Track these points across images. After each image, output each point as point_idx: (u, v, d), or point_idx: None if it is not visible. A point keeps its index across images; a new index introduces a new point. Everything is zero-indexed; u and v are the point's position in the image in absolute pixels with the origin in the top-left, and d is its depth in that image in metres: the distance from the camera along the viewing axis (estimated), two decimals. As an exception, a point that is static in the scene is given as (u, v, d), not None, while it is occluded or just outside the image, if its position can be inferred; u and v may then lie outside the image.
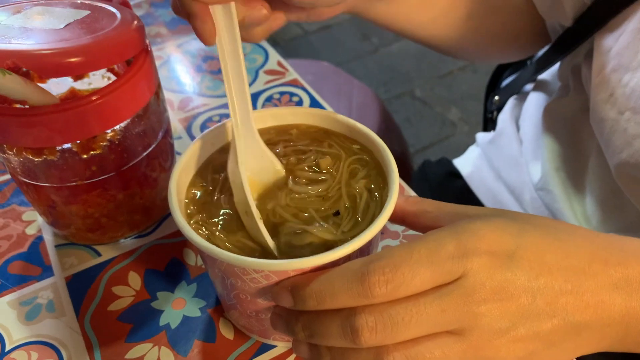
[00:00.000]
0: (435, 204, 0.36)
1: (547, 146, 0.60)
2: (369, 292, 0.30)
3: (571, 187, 0.58)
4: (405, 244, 0.31)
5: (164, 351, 0.41)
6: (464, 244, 0.30)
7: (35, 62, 0.37)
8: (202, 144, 0.41)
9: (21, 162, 0.41)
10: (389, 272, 0.29)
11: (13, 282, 0.46)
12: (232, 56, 0.37)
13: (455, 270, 0.30)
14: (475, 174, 0.73)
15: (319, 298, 0.31)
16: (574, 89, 0.59)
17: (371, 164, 0.40)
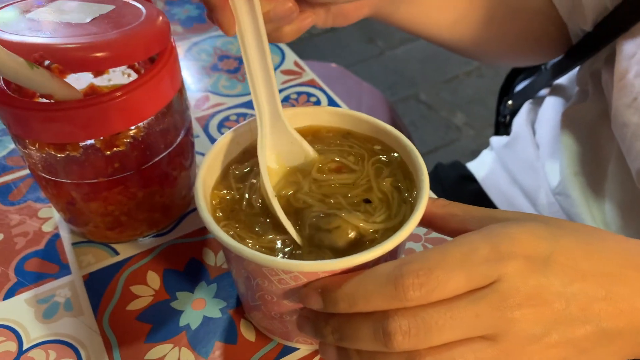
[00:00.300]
0: (463, 207, 0.35)
1: (565, 151, 0.59)
2: (402, 295, 0.29)
3: (590, 192, 0.58)
4: (438, 247, 0.31)
5: (184, 352, 0.40)
6: (499, 248, 0.30)
7: (62, 55, 0.36)
8: (228, 143, 0.40)
9: (43, 157, 0.40)
10: (423, 275, 0.29)
11: (30, 280, 0.45)
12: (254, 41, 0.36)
13: (490, 275, 0.30)
14: (489, 178, 0.73)
15: (351, 301, 0.31)
16: (594, 93, 0.58)
17: (395, 164, 0.40)
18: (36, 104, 0.37)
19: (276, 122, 0.39)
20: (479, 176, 0.74)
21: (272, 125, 0.39)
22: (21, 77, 0.34)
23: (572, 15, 0.56)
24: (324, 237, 0.35)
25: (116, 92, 0.38)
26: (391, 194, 0.38)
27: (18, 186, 0.53)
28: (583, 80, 0.60)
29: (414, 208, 0.36)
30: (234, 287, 0.44)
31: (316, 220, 0.35)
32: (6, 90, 0.39)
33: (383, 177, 0.39)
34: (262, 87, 0.38)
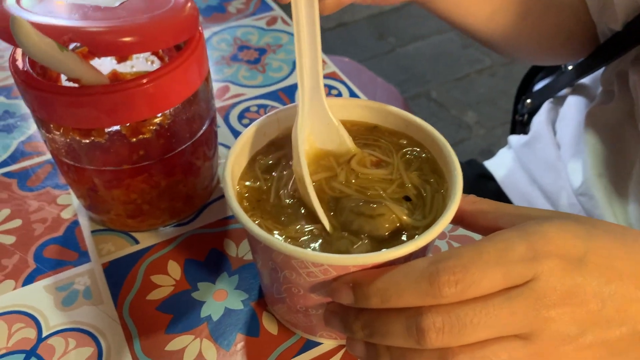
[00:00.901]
0: (494, 204, 0.35)
1: (589, 152, 0.59)
2: (437, 292, 0.28)
3: (614, 194, 0.57)
4: (474, 244, 0.30)
5: (205, 344, 0.40)
6: (535, 246, 0.29)
7: (91, 39, 0.35)
8: (255, 133, 0.40)
9: (67, 142, 0.40)
10: (459, 272, 0.28)
11: (49, 267, 0.45)
12: (307, 14, 0.36)
13: (526, 273, 0.29)
14: (508, 177, 0.72)
15: (383, 296, 0.30)
16: (619, 94, 0.57)
17: (423, 158, 0.39)
18: (63, 87, 0.37)
19: (315, 97, 0.38)
20: (498, 175, 0.73)
21: (311, 100, 0.38)
22: (51, 59, 0.33)
23: (603, 14, 0.55)
24: (365, 223, 0.34)
25: (144, 78, 0.37)
26: (423, 189, 0.37)
27: (36, 172, 0.52)
28: (608, 80, 0.60)
29: (446, 204, 0.35)
30: (256, 279, 0.44)
31: (360, 206, 0.35)
32: (32, 73, 0.38)
33: (412, 170, 0.38)
34: (308, 58, 0.37)
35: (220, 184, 0.51)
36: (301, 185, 0.36)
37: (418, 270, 0.29)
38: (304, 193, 0.36)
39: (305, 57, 0.37)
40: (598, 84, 0.64)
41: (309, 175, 0.36)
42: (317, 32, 0.36)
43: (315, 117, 0.39)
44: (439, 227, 0.33)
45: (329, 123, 0.39)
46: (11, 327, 0.41)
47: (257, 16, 0.71)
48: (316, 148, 0.39)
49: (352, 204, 0.35)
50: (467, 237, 0.46)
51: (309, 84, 0.38)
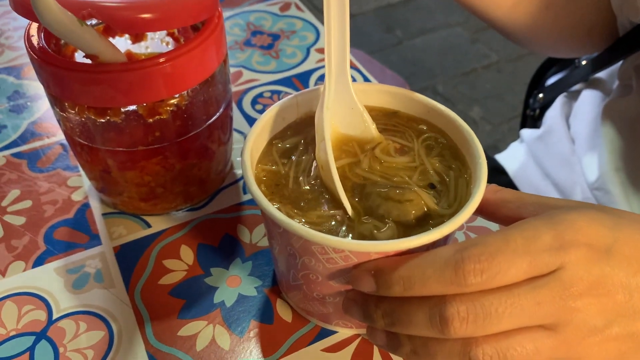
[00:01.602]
0: (516, 194, 0.34)
1: (606, 146, 0.58)
2: (462, 280, 0.28)
3: (631, 188, 0.56)
4: (499, 231, 0.29)
5: (218, 330, 0.39)
6: (562, 235, 0.29)
7: (110, 14, 0.34)
8: (274, 117, 0.39)
9: (81, 122, 0.39)
10: (484, 260, 0.28)
11: (59, 249, 0.44)
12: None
13: (553, 262, 0.28)
14: (520, 171, 0.71)
15: (406, 284, 0.29)
16: (638, 88, 0.57)
17: (444, 144, 0.39)
18: (79, 64, 0.36)
19: (341, 81, 0.37)
20: (510, 169, 0.72)
21: (337, 83, 0.37)
22: (70, 33, 0.32)
23: (623, 6, 0.54)
24: (393, 208, 0.34)
25: (162, 57, 0.37)
26: (446, 175, 0.36)
27: (47, 153, 0.51)
28: (626, 74, 0.59)
29: (470, 191, 0.35)
30: (270, 266, 0.43)
31: (388, 190, 0.34)
32: (47, 48, 0.37)
33: (432, 157, 0.38)
34: (336, 40, 0.36)
35: (233, 169, 0.50)
36: (325, 170, 0.35)
37: (443, 258, 0.29)
38: (326, 178, 0.35)
39: (335, 39, 0.36)
40: (614, 78, 0.63)
41: (333, 160, 0.35)
42: (346, 13, 0.35)
43: (340, 101, 0.38)
44: (464, 214, 0.32)
45: (353, 108, 0.38)
46: (21, 309, 0.40)
47: (271, 1, 0.70)
48: (339, 133, 0.39)
49: (380, 189, 0.35)
50: (485, 228, 0.46)
51: (336, 67, 0.37)
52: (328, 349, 0.38)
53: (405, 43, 2.03)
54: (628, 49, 0.57)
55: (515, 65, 1.94)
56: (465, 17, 2.12)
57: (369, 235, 0.33)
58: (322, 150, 0.36)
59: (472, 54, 1.99)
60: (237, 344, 0.38)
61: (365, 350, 0.38)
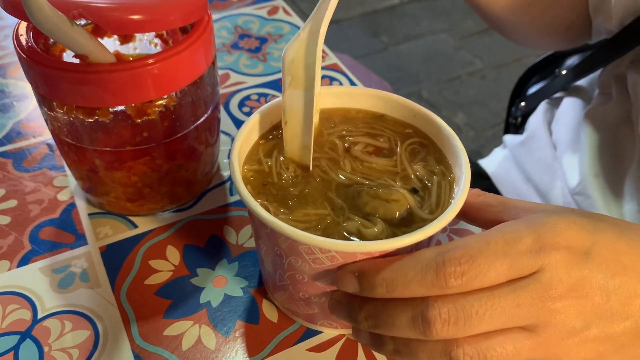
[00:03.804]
0: (499, 199, 0.35)
1: (586, 152, 0.59)
2: (443, 282, 0.29)
3: (610, 194, 0.57)
4: (480, 234, 0.30)
5: (204, 330, 0.39)
6: (542, 237, 0.29)
7: (101, 15, 0.35)
8: (261, 118, 0.39)
9: (69, 121, 0.39)
10: (465, 262, 0.28)
11: (45, 248, 0.44)
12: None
13: (533, 265, 0.29)
14: (502, 176, 0.72)
15: (389, 286, 0.30)
16: (618, 96, 0.58)
17: (429, 148, 0.39)
18: (68, 64, 0.36)
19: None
20: (492, 174, 0.73)
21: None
22: (61, 33, 0.32)
23: (598, 11, 0.56)
24: (380, 206, 0.34)
25: (151, 58, 0.37)
26: (429, 181, 0.37)
27: (32, 153, 0.51)
28: (606, 83, 0.60)
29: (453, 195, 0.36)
30: (255, 267, 0.43)
31: (377, 189, 0.35)
32: (36, 48, 0.38)
33: (416, 162, 0.38)
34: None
35: (220, 171, 0.51)
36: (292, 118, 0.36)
37: (424, 260, 0.29)
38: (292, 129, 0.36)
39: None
40: (594, 87, 0.65)
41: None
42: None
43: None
44: (447, 216, 0.33)
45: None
46: (5, 308, 0.40)
47: (258, 5, 0.71)
48: None
49: (368, 188, 0.35)
50: (468, 230, 0.46)
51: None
52: (313, 349, 0.39)
53: (390, 49, 2.04)
54: (606, 58, 0.58)
55: (499, 73, 1.96)
56: (450, 25, 2.15)
57: (355, 231, 0.33)
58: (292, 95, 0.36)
59: (456, 60, 2.01)
60: (223, 343, 0.39)
61: (350, 350, 0.39)
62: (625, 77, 0.57)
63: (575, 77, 0.66)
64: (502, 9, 0.60)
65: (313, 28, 0.35)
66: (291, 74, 0.36)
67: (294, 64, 0.36)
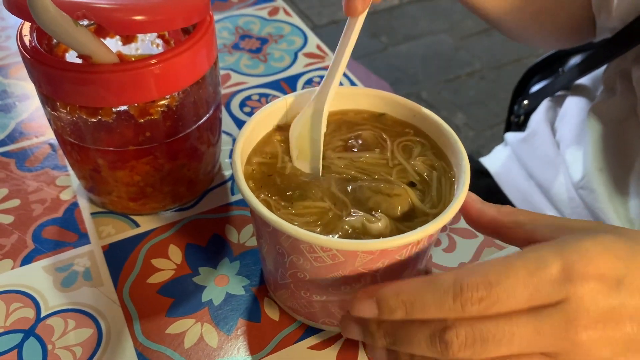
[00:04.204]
0: (531, 216, 0.33)
1: (590, 146, 0.60)
2: (460, 308, 0.28)
3: (615, 188, 0.58)
4: (502, 259, 0.29)
5: (207, 328, 0.40)
6: (570, 266, 0.28)
7: (104, 16, 0.35)
8: (264, 118, 0.40)
9: (72, 121, 0.39)
10: (483, 289, 0.28)
11: (48, 247, 0.44)
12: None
13: (557, 294, 0.28)
14: (504, 173, 0.73)
15: (408, 309, 0.29)
16: (622, 91, 0.59)
17: (427, 145, 0.40)
18: (72, 64, 0.36)
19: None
20: (494, 171, 0.73)
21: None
22: (65, 34, 0.33)
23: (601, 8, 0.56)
24: (382, 201, 0.35)
25: (154, 58, 0.37)
26: (428, 176, 0.37)
27: (35, 153, 0.52)
28: (610, 78, 0.61)
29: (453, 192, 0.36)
30: (257, 265, 0.44)
31: (378, 184, 0.36)
32: (39, 48, 0.38)
33: (414, 157, 0.39)
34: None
35: (222, 170, 0.51)
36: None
37: (443, 284, 0.29)
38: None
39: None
40: (598, 84, 0.65)
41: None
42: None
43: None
44: (447, 215, 0.33)
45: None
46: (9, 307, 0.40)
47: (259, 6, 0.71)
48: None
49: (370, 183, 0.36)
50: (467, 230, 0.47)
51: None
52: (314, 347, 0.39)
53: (390, 49, 2.05)
54: (610, 55, 0.59)
55: (498, 73, 1.97)
56: (450, 25, 2.15)
57: (359, 226, 0.34)
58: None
59: (455, 61, 2.02)
60: (225, 341, 0.39)
61: (351, 348, 0.39)
62: (629, 73, 0.57)
63: (578, 74, 0.66)
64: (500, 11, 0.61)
65: (317, 107, 0.38)
66: (298, 147, 0.39)
67: (300, 139, 0.39)
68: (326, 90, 0.38)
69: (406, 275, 0.36)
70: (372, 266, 0.33)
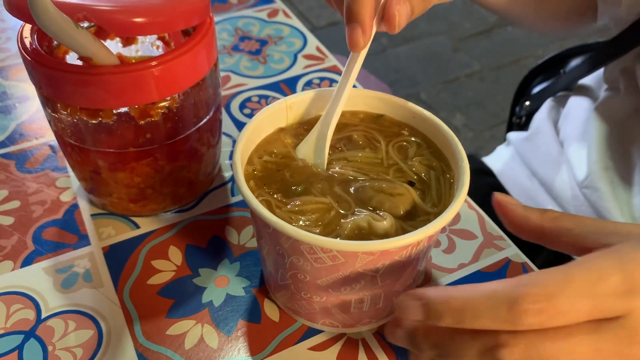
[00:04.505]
0: (576, 220, 0.32)
1: (594, 145, 0.60)
2: (517, 320, 0.26)
3: (619, 187, 0.58)
4: (560, 269, 0.27)
5: (207, 329, 0.40)
6: (631, 277, 0.27)
7: (105, 18, 0.35)
8: (264, 120, 0.40)
9: (73, 123, 0.40)
10: (543, 300, 0.26)
11: (48, 249, 0.44)
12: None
13: (618, 308, 0.27)
14: (507, 171, 0.73)
15: (458, 317, 0.28)
16: (626, 90, 0.59)
17: (423, 145, 0.40)
18: (73, 66, 0.37)
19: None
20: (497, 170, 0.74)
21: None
22: (66, 35, 0.33)
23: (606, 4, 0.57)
24: (385, 200, 0.35)
25: (154, 60, 0.37)
26: (426, 175, 0.38)
27: (35, 154, 0.52)
28: (613, 78, 0.61)
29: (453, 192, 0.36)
30: (257, 266, 0.44)
31: (380, 183, 0.36)
32: (40, 50, 0.38)
33: (410, 157, 0.39)
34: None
35: (222, 172, 0.51)
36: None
37: (498, 293, 0.27)
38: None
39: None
40: (601, 83, 0.65)
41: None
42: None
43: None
44: (447, 215, 0.33)
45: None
46: (9, 308, 0.40)
47: (258, 8, 0.71)
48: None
49: (372, 182, 0.36)
50: (467, 231, 0.47)
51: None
52: (314, 348, 0.39)
53: (389, 51, 2.05)
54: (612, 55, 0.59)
55: (497, 74, 1.97)
56: (448, 27, 2.15)
57: (365, 226, 0.34)
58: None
59: (454, 62, 2.02)
60: (225, 342, 0.39)
61: (351, 349, 0.39)
62: (632, 71, 0.57)
63: (580, 75, 0.66)
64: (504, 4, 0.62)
65: (321, 133, 0.39)
66: None
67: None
68: (330, 117, 0.39)
69: (406, 276, 0.36)
70: (372, 267, 0.33)
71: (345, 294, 0.36)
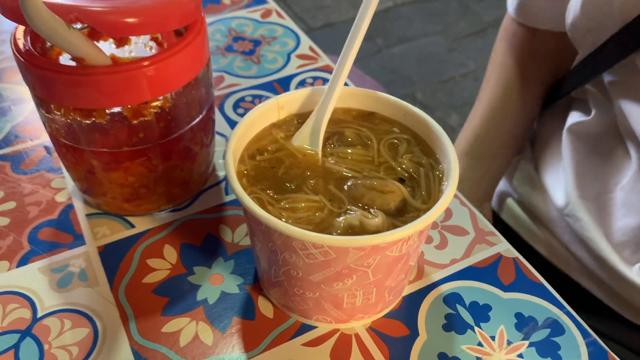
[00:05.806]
0: None
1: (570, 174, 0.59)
2: None
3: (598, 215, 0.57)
4: None
5: (202, 326, 0.40)
6: None
7: (97, 18, 0.35)
8: (256, 119, 0.40)
9: (67, 123, 0.40)
10: None
11: (43, 249, 0.45)
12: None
13: None
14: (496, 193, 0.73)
15: None
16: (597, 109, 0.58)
17: (413, 142, 0.40)
18: (66, 67, 0.37)
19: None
20: None
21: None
22: (58, 36, 0.33)
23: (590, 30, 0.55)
24: (376, 197, 0.36)
25: (147, 60, 0.38)
26: (416, 172, 0.38)
27: (30, 156, 0.52)
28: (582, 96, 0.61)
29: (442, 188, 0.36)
30: (251, 264, 0.44)
31: (372, 181, 0.37)
32: (33, 51, 0.38)
33: (401, 155, 0.39)
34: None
35: (216, 171, 0.51)
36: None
37: None
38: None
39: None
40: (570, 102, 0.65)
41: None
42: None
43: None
44: (436, 211, 0.33)
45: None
46: (5, 308, 0.41)
47: (252, 8, 0.72)
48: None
49: (364, 180, 0.37)
50: (459, 227, 0.47)
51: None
52: (308, 344, 0.40)
53: (384, 51, 2.06)
54: (581, 80, 0.60)
55: (492, 74, 1.97)
56: (443, 27, 2.16)
57: (357, 224, 0.34)
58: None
59: (450, 62, 2.03)
60: (220, 339, 0.40)
61: (344, 345, 0.40)
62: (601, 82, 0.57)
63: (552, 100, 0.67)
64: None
65: (317, 121, 0.40)
66: None
67: None
68: (324, 108, 0.40)
69: (397, 271, 0.37)
70: (363, 262, 0.34)
71: (338, 289, 0.36)
